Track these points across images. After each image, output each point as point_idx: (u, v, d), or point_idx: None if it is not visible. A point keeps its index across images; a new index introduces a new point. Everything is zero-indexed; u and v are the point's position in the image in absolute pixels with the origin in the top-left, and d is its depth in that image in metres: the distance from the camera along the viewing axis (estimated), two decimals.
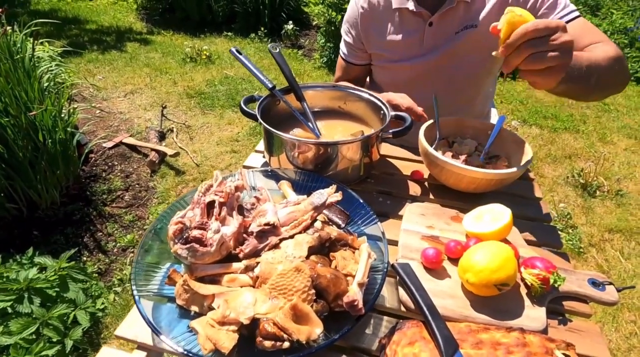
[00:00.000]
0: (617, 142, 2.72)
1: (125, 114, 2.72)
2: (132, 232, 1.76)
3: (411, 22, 0.94)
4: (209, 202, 0.58)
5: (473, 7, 0.89)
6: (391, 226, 0.71)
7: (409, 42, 0.96)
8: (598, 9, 4.36)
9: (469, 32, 0.91)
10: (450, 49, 0.93)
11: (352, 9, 1.03)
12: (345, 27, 1.07)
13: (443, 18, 0.91)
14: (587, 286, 0.59)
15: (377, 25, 0.99)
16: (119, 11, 5.06)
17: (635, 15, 4.27)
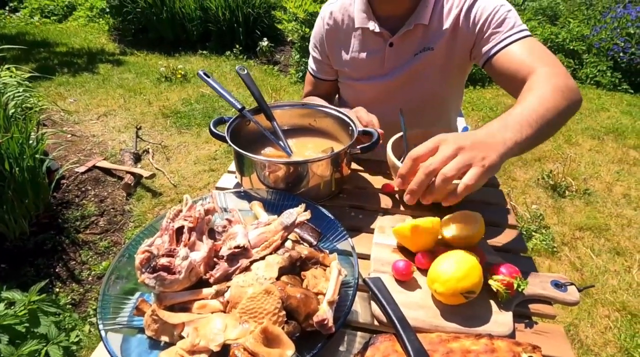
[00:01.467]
0: (582, 143, 2.86)
1: (99, 137, 2.66)
2: (108, 258, 1.71)
3: (373, 42, 0.97)
4: (177, 228, 0.58)
5: (430, 31, 0.93)
6: (363, 240, 0.72)
7: (371, 62, 0.99)
8: (556, 18, 4.62)
9: (427, 54, 0.94)
10: (410, 69, 0.96)
11: (318, 25, 1.05)
12: (312, 43, 1.09)
13: (402, 40, 0.94)
14: (550, 288, 0.62)
15: (341, 43, 1.01)
16: (90, 33, 5.01)
17: (590, 24, 4.54)
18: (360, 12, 0.96)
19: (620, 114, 3.37)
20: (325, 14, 1.02)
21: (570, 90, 0.69)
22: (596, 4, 4.96)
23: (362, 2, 0.95)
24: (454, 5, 0.91)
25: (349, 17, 0.99)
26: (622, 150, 2.77)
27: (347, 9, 0.99)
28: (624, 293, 1.65)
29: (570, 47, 4.13)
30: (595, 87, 3.93)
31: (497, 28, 0.83)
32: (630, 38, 3.89)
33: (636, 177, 2.46)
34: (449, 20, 0.90)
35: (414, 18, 0.91)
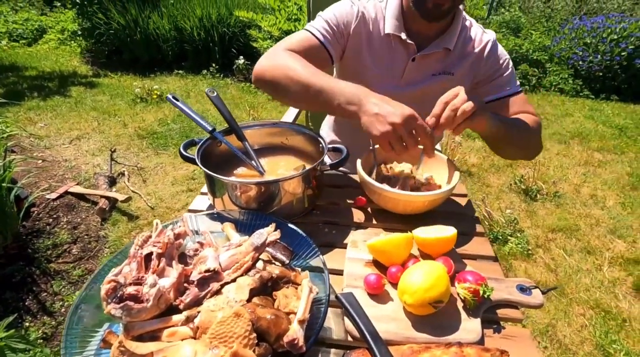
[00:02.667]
0: (550, 148, 2.99)
1: (71, 162, 2.59)
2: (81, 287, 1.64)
3: (398, 51, 0.97)
4: (146, 255, 0.58)
5: (452, 56, 0.96)
6: (337, 256, 0.73)
7: (392, 69, 0.98)
8: (519, 30, 4.87)
9: (446, 77, 0.98)
10: (426, 88, 0.98)
11: (349, 10, 0.96)
12: (333, 15, 0.95)
13: (425, 58, 0.96)
14: (516, 292, 0.64)
15: (366, 40, 0.97)
16: (61, 56, 4.92)
17: (551, 35, 4.82)
18: (393, 18, 0.94)
19: (583, 118, 3.55)
20: (361, 4, 0.96)
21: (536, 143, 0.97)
22: (555, 16, 5.27)
23: (396, 8, 0.94)
24: (476, 38, 0.97)
25: (380, 20, 0.96)
26: (587, 153, 2.92)
27: (379, 10, 0.97)
28: (597, 291, 1.71)
29: (533, 57, 4.35)
30: (559, 94, 4.14)
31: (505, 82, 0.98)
32: (587, 47, 4.14)
33: (601, 178, 2.58)
34: (473, 52, 0.97)
35: (442, 41, 0.94)
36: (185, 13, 4.44)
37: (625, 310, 1.62)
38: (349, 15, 0.95)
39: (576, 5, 5.42)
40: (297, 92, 0.81)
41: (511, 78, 0.99)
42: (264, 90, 0.93)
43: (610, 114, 3.65)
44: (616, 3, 5.38)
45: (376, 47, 0.98)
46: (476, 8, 5.43)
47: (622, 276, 1.79)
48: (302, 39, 0.92)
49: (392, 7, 0.95)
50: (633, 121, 3.50)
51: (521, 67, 4.24)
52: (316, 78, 0.78)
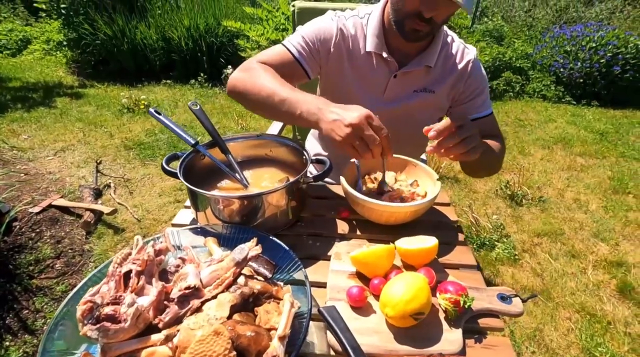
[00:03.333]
0: (534, 153, 3.05)
1: (56, 174, 2.55)
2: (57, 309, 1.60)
3: (379, 69, 0.98)
4: (125, 273, 0.57)
5: (433, 73, 0.98)
6: (321, 268, 0.73)
7: (374, 86, 0.99)
8: (502, 39, 4.99)
9: (427, 95, 0.99)
10: (408, 104, 1.00)
11: (329, 26, 0.97)
12: (311, 32, 0.96)
13: (407, 75, 0.97)
14: (497, 301, 0.65)
15: (347, 57, 0.98)
16: (46, 66, 4.86)
17: (532, 43, 4.95)
18: (374, 36, 0.95)
19: (566, 124, 3.64)
20: (340, 21, 0.98)
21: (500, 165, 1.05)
22: (536, 25, 5.42)
23: (377, 26, 0.95)
24: (457, 56, 0.99)
25: (360, 37, 0.98)
26: (570, 158, 2.98)
27: (359, 28, 0.98)
28: (582, 294, 1.73)
29: (516, 64, 4.46)
30: (542, 100, 4.24)
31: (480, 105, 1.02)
32: (567, 55, 4.26)
33: (584, 182, 2.64)
34: (455, 71, 0.98)
35: (423, 58, 0.95)
36: (172, 23, 4.44)
37: (609, 313, 1.64)
38: (328, 31, 0.97)
39: (556, 15, 5.59)
40: (263, 103, 0.84)
41: (486, 100, 1.03)
42: (237, 101, 0.94)
43: (592, 119, 3.75)
44: (594, 12, 5.56)
45: (358, 64, 0.99)
46: (460, 17, 5.55)
47: (605, 279, 1.83)
48: (277, 54, 0.95)
49: (373, 25, 0.96)
50: (613, 126, 3.60)
51: (505, 75, 4.34)
52: (281, 89, 0.81)
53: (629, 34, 4.16)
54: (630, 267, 1.89)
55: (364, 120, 0.69)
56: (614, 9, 5.57)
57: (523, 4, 5.89)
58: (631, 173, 2.76)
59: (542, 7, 5.78)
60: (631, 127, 3.59)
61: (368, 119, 0.70)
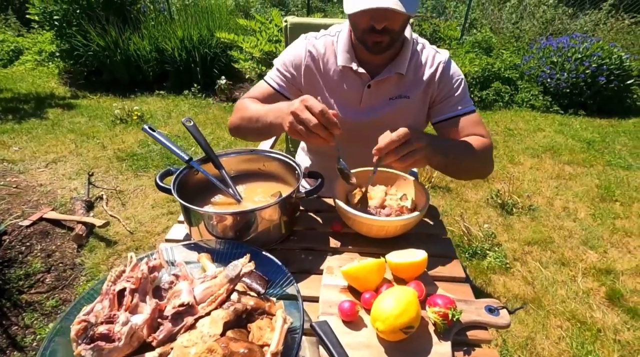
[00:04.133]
0: (523, 162, 3.10)
1: (47, 186, 2.53)
2: (55, 319, 1.58)
3: (353, 80, 1.02)
4: (119, 291, 0.58)
5: (406, 80, 1.01)
6: (313, 282, 0.75)
7: (350, 97, 1.03)
8: (491, 50, 5.10)
9: (402, 101, 1.02)
10: (385, 112, 1.03)
11: (299, 50, 1.05)
12: (284, 62, 1.06)
13: (379, 84, 1.01)
14: (485, 314, 0.67)
15: (321, 74, 1.04)
16: (38, 77, 4.84)
17: (520, 54, 5.07)
18: (344, 52, 1.00)
19: (554, 133, 3.71)
20: (310, 41, 1.04)
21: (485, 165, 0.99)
22: (523, 37, 5.56)
23: (346, 43, 1.00)
24: (428, 61, 1.02)
25: (332, 54, 1.03)
26: (559, 167, 3.04)
27: (329, 46, 1.03)
28: (572, 302, 1.76)
29: (505, 75, 4.56)
30: (530, 109, 4.33)
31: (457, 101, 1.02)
32: (554, 66, 4.37)
33: (572, 190, 2.69)
34: (426, 75, 1.01)
35: (393, 67, 0.99)
36: (166, 34, 4.47)
37: (599, 320, 1.67)
38: (298, 55, 1.05)
39: (542, 27, 5.74)
40: (252, 127, 0.96)
41: (463, 98, 1.02)
42: (241, 138, 1.09)
43: (579, 129, 3.83)
44: (579, 24, 5.73)
45: (332, 79, 1.04)
46: (450, 29, 5.68)
47: (595, 286, 1.86)
48: (261, 90, 1.07)
49: (342, 42, 1.01)
50: (599, 135, 3.68)
51: (494, 85, 4.43)
52: (259, 110, 0.94)
53: (613, 45, 4.29)
54: (619, 275, 1.92)
55: (299, 105, 0.75)
56: (597, 21, 5.74)
57: (510, 16, 6.05)
58: (618, 181, 2.83)
59: (529, 19, 5.94)
60: (617, 136, 3.68)
61: (303, 103, 0.75)
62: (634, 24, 5.63)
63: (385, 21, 0.84)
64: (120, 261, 1.92)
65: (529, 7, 6.13)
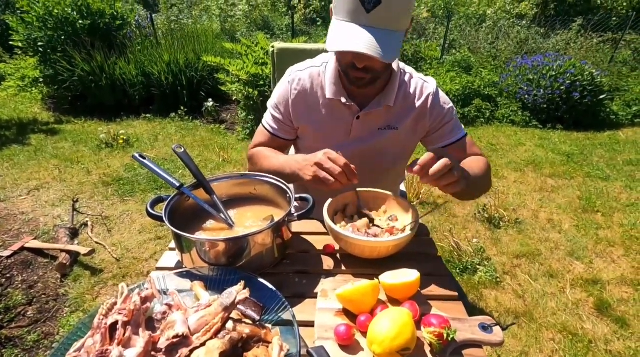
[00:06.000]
0: (507, 176, 3.18)
1: (29, 214, 2.46)
2: (37, 354, 1.51)
3: (342, 112, 1.03)
4: (111, 324, 0.56)
5: (394, 111, 1.03)
6: (308, 307, 0.74)
7: (339, 129, 1.05)
8: (470, 69, 5.31)
9: (391, 131, 1.04)
10: (374, 142, 1.05)
11: (285, 89, 1.07)
12: (275, 104, 1.09)
13: (368, 115, 1.02)
14: (478, 331, 0.67)
15: (310, 108, 1.06)
16: (21, 103, 4.79)
17: (498, 72, 5.28)
18: (332, 84, 1.01)
19: (534, 147, 3.84)
20: (294, 78, 1.06)
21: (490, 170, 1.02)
22: (500, 56, 5.81)
23: (333, 76, 1.01)
24: (416, 92, 1.04)
25: (319, 86, 1.04)
26: (541, 180, 3.13)
27: (316, 78, 1.04)
28: (563, 314, 1.78)
29: (485, 92, 4.73)
30: (511, 125, 4.48)
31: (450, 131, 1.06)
32: (531, 83, 4.57)
33: (556, 202, 2.77)
34: (415, 106, 1.03)
35: (382, 99, 1.01)
36: (152, 59, 4.51)
37: (590, 331, 1.69)
38: (284, 94, 1.08)
39: (517, 46, 6.02)
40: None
41: (455, 125, 1.06)
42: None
43: (558, 142, 3.97)
44: (551, 44, 6.03)
45: (320, 112, 1.05)
46: (430, 50, 5.90)
47: (583, 297, 1.89)
48: (261, 135, 1.15)
49: (330, 74, 1.03)
50: (578, 148, 3.82)
51: (475, 102, 4.58)
52: (272, 163, 1.03)
53: (584, 62, 4.52)
54: (605, 285, 1.96)
55: (323, 157, 0.85)
56: (569, 41, 6.06)
57: (487, 37, 6.33)
58: (598, 192, 2.92)
59: (504, 39, 6.23)
60: (594, 149, 3.82)
61: (327, 155, 0.85)
62: (602, 42, 5.97)
63: (366, 61, 0.84)
64: (106, 290, 1.86)
65: (503, 28, 6.44)
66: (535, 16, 7.45)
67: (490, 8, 7.86)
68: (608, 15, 6.87)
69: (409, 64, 5.69)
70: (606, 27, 6.40)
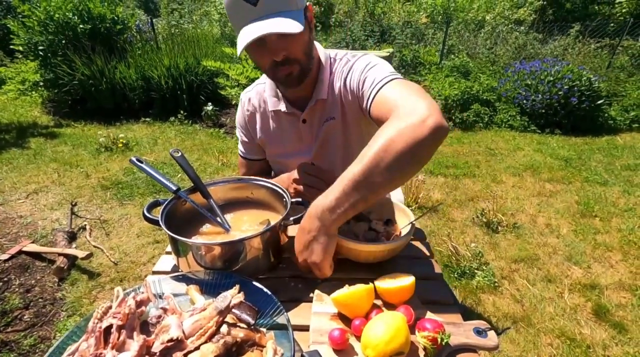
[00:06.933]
0: (505, 181, 3.19)
1: (27, 218, 2.46)
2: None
3: (287, 122, 1.05)
4: (106, 327, 0.57)
5: (328, 102, 1.02)
6: (303, 311, 0.74)
7: (290, 139, 1.07)
8: (468, 74, 5.34)
9: (330, 122, 1.03)
10: (321, 138, 1.04)
11: (241, 111, 1.13)
12: (238, 127, 1.16)
13: (311, 115, 1.03)
14: (473, 336, 0.67)
15: (261, 125, 1.10)
16: (21, 106, 4.80)
17: (496, 77, 5.31)
18: (271, 96, 1.04)
19: (533, 151, 3.85)
20: (245, 100, 1.11)
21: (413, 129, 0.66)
22: (498, 61, 5.84)
23: (271, 88, 1.04)
24: (336, 77, 1.00)
25: (264, 101, 1.07)
26: (540, 184, 3.14)
27: (261, 94, 1.07)
28: (561, 319, 1.78)
29: (484, 97, 4.75)
30: (509, 129, 4.50)
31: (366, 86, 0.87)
32: (529, 88, 4.59)
33: (554, 207, 2.77)
34: (337, 91, 1.00)
35: (315, 94, 1.00)
36: (152, 63, 4.53)
37: (588, 336, 1.68)
38: (241, 116, 1.14)
39: (515, 52, 6.06)
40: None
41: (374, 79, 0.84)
42: None
43: (556, 147, 3.99)
44: (549, 49, 6.07)
45: (270, 127, 1.09)
46: (429, 55, 5.93)
47: (581, 302, 1.88)
48: (240, 164, 1.22)
49: (269, 87, 1.05)
50: (575, 153, 3.84)
51: (474, 107, 4.60)
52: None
53: (582, 68, 4.55)
54: (603, 290, 1.96)
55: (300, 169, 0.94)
56: (566, 46, 6.10)
57: (485, 42, 6.37)
58: (596, 197, 2.93)
59: (503, 44, 6.27)
60: (592, 154, 3.84)
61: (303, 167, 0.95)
62: (599, 48, 6.01)
63: (282, 51, 0.82)
64: (103, 293, 1.86)
65: (502, 33, 6.48)
66: (534, 22, 7.51)
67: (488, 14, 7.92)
68: (605, 21, 6.92)
69: (407, 68, 5.72)
70: (603, 33, 6.45)
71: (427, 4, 8.14)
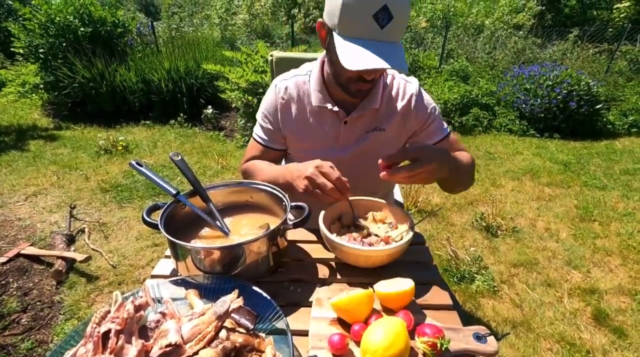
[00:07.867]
0: (505, 185, 3.19)
1: (26, 220, 2.45)
2: None
3: (329, 119, 1.05)
4: (104, 332, 0.56)
5: (380, 113, 1.05)
6: (303, 315, 0.74)
7: (327, 135, 1.06)
8: (467, 78, 5.35)
9: (378, 133, 1.06)
10: (362, 146, 1.06)
11: (272, 98, 1.09)
12: (263, 113, 1.11)
13: (356, 119, 1.04)
14: (472, 341, 0.67)
15: (297, 116, 1.07)
16: (20, 108, 4.80)
17: (495, 81, 5.33)
18: (317, 92, 1.03)
19: (532, 156, 3.86)
20: (280, 88, 1.07)
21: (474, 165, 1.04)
22: (497, 66, 5.87)
23: (317, 83, 1.03)
24: (400, 93, 1.06)
25: (305, 94, 1.06)
26: (539, 188, 3.14)
27: (302, 86, 1.07)
28: (560, 324, 1.77)
29: (483, 101, 4.77)
30: (508, 133, 4.51)
31: (435, 130, 1.08)
32: (528, 92, 4.61)
33: (553, 211, 2.77)
34: (399, 106, 1.05)
35: (367, 103, 1.02)
36: (153, 66, 4.55)
37: (587, 341, 1.68)
38: (272, 103, 1.10)
39: (514, 56, 6.09)
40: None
41: (439, 124, 1.09)
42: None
43: (555, 151, 3.99)
44: (548, 54, 6.10)
45: (307, 119, 1.07)
46: (429, 59, 5.95)
47: (581, 307, 1.88)
48: (253, 148, 1.16)
49: (314, 82, 1.05)
50: (575, 157, 3.85)
51: (473, 111, 4.62)
52: (266, 175, 1.03)
53: (580, 73, 4.57)
54: (603, 294, 1.96)
55: (314, 171, 0.84)
56: (565, 51, 6.13)
57: (484, 47, 6.41)
58: (595, 201, 2.93)
59: (502, 49, 6.30)
60: (591, 158, 3.84)
61: (319, 169, 0.84)
62: (598, 53, 6.04)
63: (377, 73, 0.88)
64: (102, 297, 1.85)
65: (501, 38, 6.52)
66: (532, 27, 7.55)
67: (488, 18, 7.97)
68: (604, 27, 6.96)
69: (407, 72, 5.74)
70: (602, 37, 6.48)
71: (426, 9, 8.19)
